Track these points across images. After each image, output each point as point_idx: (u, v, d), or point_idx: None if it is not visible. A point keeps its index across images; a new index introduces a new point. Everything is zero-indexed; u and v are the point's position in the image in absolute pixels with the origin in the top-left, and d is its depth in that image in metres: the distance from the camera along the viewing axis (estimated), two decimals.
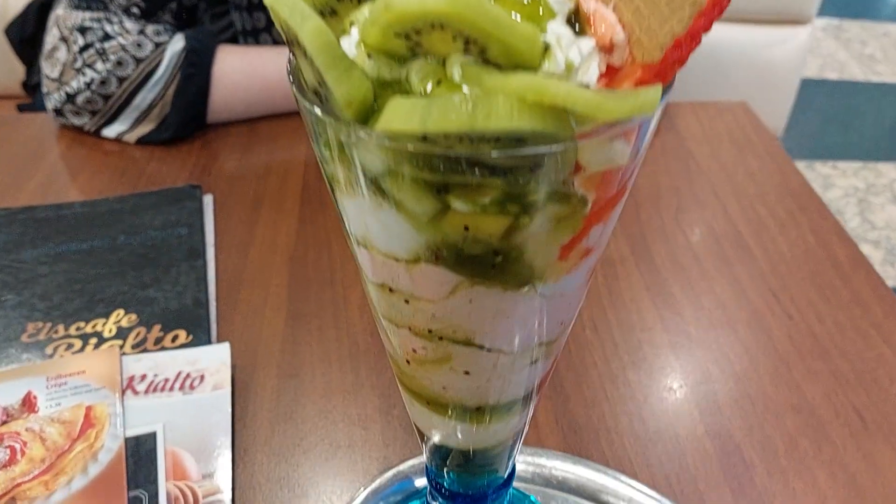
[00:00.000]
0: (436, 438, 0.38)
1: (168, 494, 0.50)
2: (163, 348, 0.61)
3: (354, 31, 0.25)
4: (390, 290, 0.30)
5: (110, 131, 0.88)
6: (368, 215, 0.27)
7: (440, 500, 0.43)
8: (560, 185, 0.25)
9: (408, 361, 0.33)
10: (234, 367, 0.60)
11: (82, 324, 0.63)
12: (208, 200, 0.79)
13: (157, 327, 0.63)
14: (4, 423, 0.53)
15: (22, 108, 1.19)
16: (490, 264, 0.27)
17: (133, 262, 0.70)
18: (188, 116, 0.88)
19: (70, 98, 0.86)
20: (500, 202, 0.25)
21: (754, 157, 0.91)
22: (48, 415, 0.54)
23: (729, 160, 0.90)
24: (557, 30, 0.24)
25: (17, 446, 0.52)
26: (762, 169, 0.89)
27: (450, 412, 0.35)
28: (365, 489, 0.52)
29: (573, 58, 0.24)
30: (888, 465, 0.55)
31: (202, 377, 0.58)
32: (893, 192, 2.47)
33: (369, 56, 0.25)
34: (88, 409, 0.54)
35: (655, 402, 0.60)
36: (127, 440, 0.53)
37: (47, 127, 0.91)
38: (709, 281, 0.71)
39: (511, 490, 0.43)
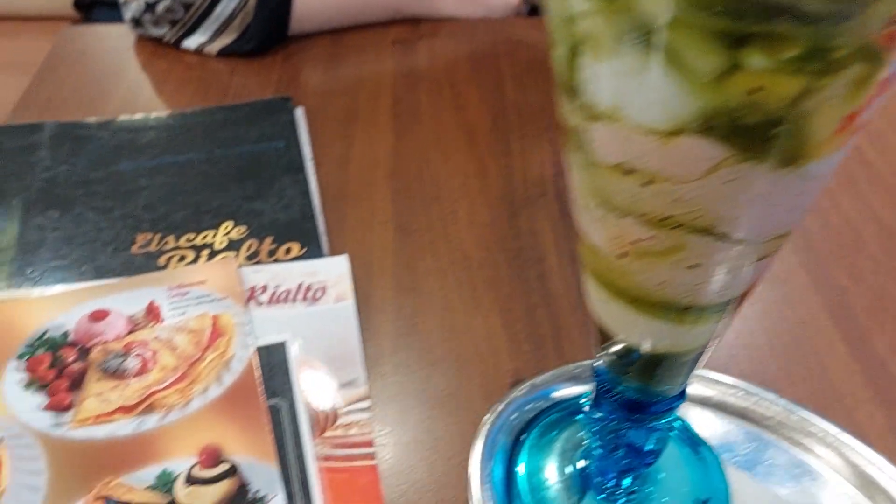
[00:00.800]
0: (626, 341, 0.36)
1: (305, 404, 0.49)
2: (276, 261, 0.60)
3: None
4: (627, 171, 0.27)
5: (191, 42, 0.85)
6: (626, 79, 0.25)
7: (605, 410, 0.41)
8: (872, 40, 0.22)
9: (625, 254, 0.31)
10: (353, 278, 0.58)
11: (192, 235, 0.61)
12: (300, 114, 0.76)
13: (268, 240, 0.61)
14: (131, 332, 0.52)
15: None
16: (764, 136, 0.24)
17: (233, 174, 0.68)
18: (271, 26, 0.84)
19: (150, 7, 0.83)
20: (802, 58, 0.22)
21: None
22: (174, 324, 0.53)
23: None
24: None
25: (148, 355, 0.51)
26: None
27: (657, 311, 0.33)
28: (501, 402, 0.50)
29: None
30: None
31: (324, 289, 0.56)
32: None
33: None
34: (214, 318, 0.53)
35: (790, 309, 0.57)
36: (258, 350, 0.52)
37: (124, 41, 0.88)
38: None
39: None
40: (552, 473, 0.47)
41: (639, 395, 0.39)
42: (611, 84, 0.26)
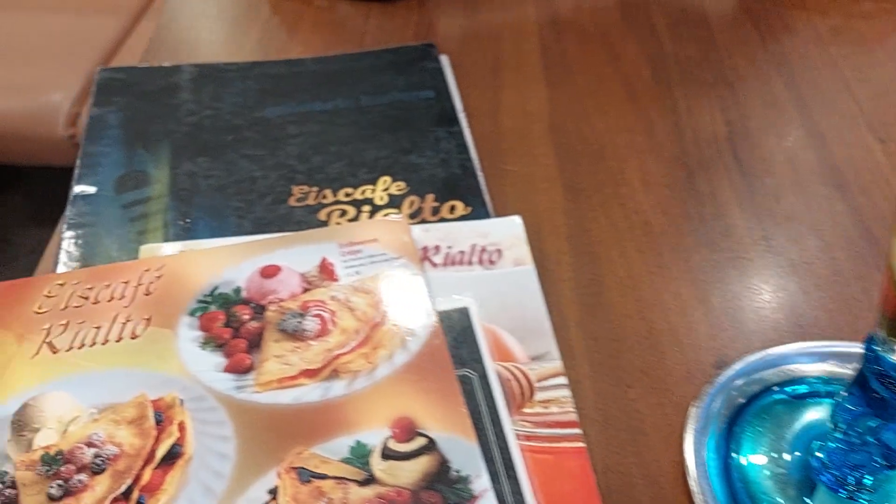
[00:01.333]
0: None
1: (499, 376, 0.45)
2: (442, 219, 0.55)
3: None
4: None
5: None
6: None
7: (866, 400, 0.37)
8: None
9: None
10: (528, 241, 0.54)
11: (350, 190, 0.58)
12: (444, 61, 0.71)
13: (430, 197, 0.57)
14: (306, 290, 0.49)
15: None
16: None
17: (384, 125, 0.63)
18: None
19: None
20: None
21: None
22: (350, 283, 0.49)
23: None
24: None
25: (327, 315, 0.47)
26: None
27: None
28: (710, 385, 0.46)
29: None
30: None
31: (499, 252, 0.52)
32: None
33: None
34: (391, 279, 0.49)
35: None
36: (440, 314, 0.48)
37: None
38: None
39: None
40: (774, 464, 0.43)
41: None
42: None
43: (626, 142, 0.64)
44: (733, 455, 0.43)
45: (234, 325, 0.47)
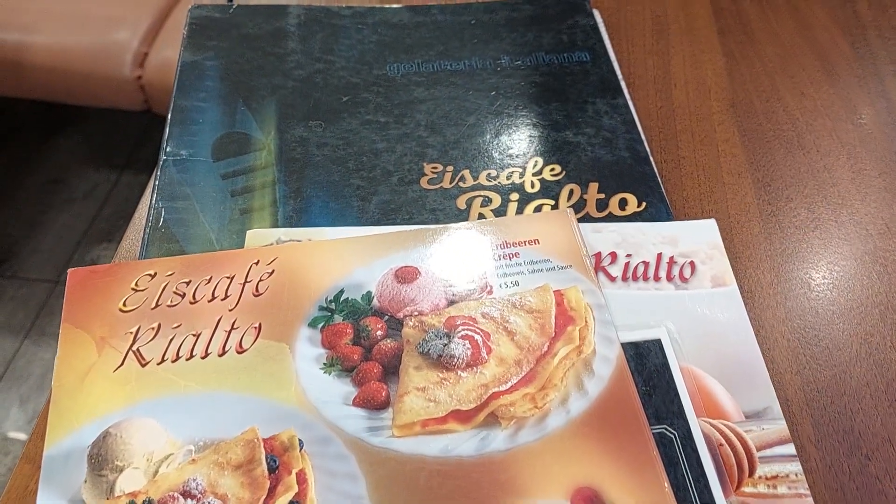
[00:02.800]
0: None
1: (707, 438, 0.35)
2: (611, 216, 0.44)
3: None
4: None
5: None
6: None
7: None
8: None
9: None
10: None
11: (493, 172, 0.47)
12: (598, 18, 0.59)
13: (593, 186, 0.46)
14: (452, 303, 0.39)
15: None
16: None
17: (531, 92, 0.52)
18: None
19: None
20: None
21: None
22: (507, 297, 0.39)
23: None
24: None
25: (479, 339, 0.37)
26: None
27: None
28: None
29: None
30: None
31: (691, 265, 0.41)
32: None
33: None
34: (559, 294, 0.39)
35: None
36: (623, 347, 0.37)
37: None
38: None
39: None
40: None
41: None
42: None
43: (828, 129, 0.51)
44: None
45: (365, 344, 0.37)
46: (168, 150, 0.47)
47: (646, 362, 0.37)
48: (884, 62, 0.56)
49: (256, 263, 0.39)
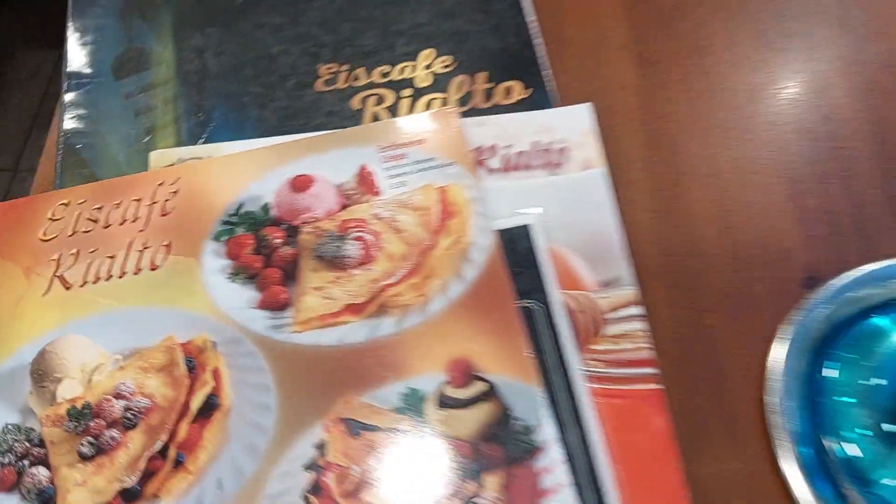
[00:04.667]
0: None
1: (565, 307, 0.40)
2: (496, 107, 0.47)
3: None
4: None
5: None
6: None
7: None
8: None
9: None
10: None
11: (387, 68, 0.49)
12: None
13: (482, 76, 0.49)
14: (345, 207, 0.43)
15: None
16: None
17: None
18: None
19: None
20: None
21: None
22: (395, 198, 0.43)
23: None
24: None
25: (369, 238, 0.41)
26: None
27: None
28: (798, 310, 0.40)
29: None
30: None
31: (563, 150, 0.45)
32: None
33: None
34: (442, 191, 0.43)
35: None
36: (498, 233, 0.42)
37: None
38: None
39: None
40: (861, 390, 0.38)
41: None
42: None
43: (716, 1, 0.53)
44: (823, 394, 0.39)
45: (265, 252, 0.41)
46: (69, 72, 0.49)
47: (516, 246, 0.42)
48: None
49: (161, 185, 0.43)
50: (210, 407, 0.37)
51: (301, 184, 0.43)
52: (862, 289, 0.41)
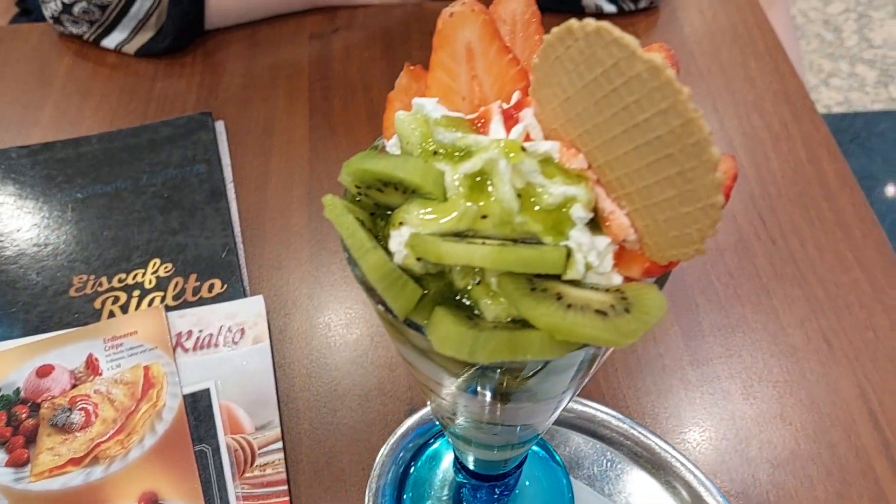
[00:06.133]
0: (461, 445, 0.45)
1: (228, 448, 0.59)
2: (201, 299, 0.67)
3: (405, 231, 0.29)
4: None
5: (109, 41, 0.87)
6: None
7: (461, 472, 0.52)
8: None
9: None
10: (268, 317, 0.66)
11: (123, 275, 0.68)
12: (220, 129, 0.80)
13: (192, 277, 0.69)
14: (74, 386, 0.61)
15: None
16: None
17: (158, 205, 0.73)
18: (185, 23, 0.86)
19: (66, 8, 0.84)
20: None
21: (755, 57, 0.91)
22: (111, 376, 0.61)
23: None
24: (578, 238, 0.28)
25: (90, 408, 0.59)
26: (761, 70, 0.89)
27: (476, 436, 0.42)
28: (395, 433, 0.60)
29: (592, 260, 0.28)
30: (847, 388, 0.63)
31: (242, 331, 0.65)
32: None
33: (418, 259, 0.28)
34: (146, 369, 0.62)
35: (645, 335, 0.67)
36: (185, 397, 0.61)
37: (49, 39, 0.90)
38: None
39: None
40: (435, 501, 0.58)
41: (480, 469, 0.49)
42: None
43: None
44: (406, 498, 0.58)
45: (14, 424, 0.59)
46: None
47: (198, 405, 0.61)
48: None
49: None
50: None
51: (44, 372, 0.61)
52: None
